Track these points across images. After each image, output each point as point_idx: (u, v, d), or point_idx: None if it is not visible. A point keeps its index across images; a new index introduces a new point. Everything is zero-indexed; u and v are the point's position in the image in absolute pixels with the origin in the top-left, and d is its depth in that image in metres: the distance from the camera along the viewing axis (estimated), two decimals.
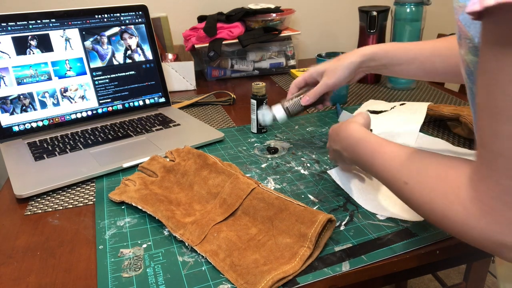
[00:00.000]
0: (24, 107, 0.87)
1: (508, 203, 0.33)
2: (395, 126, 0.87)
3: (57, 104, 0.91)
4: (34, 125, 0.88)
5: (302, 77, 0.79)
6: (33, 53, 0.88)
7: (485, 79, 0.33)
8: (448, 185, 0.39)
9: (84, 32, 0.94)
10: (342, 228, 0.58)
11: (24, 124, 0.87)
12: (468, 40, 0.38)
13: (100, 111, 0.96)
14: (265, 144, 0.85)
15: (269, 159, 0.78)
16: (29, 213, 0.64)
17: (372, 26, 1.20)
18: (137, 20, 1.00)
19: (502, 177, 0.33)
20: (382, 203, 0.63)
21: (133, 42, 1.00)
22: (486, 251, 0.37)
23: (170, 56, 1.25)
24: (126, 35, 0.99)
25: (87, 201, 0.67)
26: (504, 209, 0.33)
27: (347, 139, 0.58)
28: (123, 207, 0.65)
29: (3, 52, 0.85)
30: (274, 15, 1.28)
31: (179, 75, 1.20)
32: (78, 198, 0.68)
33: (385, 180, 0.49)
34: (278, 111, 0.79)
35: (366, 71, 0.76)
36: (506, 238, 0.34)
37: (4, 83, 0.85)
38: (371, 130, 0.85)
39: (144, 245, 0.56)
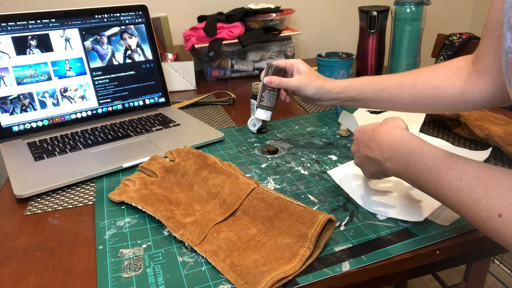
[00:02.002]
0: (24, 107, 0.87)
1: None
2: None
3: (57, 104, 0.91)
4: (34, 125, 0.88)
5: (285, 60, 0.80)
6: (33, 53, 0.88)
7: None
8: None
9: (84, 32, 0.94)
10: (342, 228, 0.58)
11: (24, 124, 0.87)
12: None
13: (100, 111, 0.96)
14: (265, 144, 0.85)
15: (269, 159, 0.78)
16: (29, 213, 0.64)
17: (372, 26, 1.20)
18: (137, 20, 1.00)
19: None
20: (382, 203, 0.63)
21: (133, 42, 1.00)
22: None
23: (170, 56, 1.25)
24: (126, 35, 0.99)
25: (87, 201, 0.67)
26: None
27: (394, 148, 0.49)
28: (123, 207, 0.65)
29: (3, 52, 0.85)
30: (274, 15, 1.28)
31: (179, 75, 1.20)
32: (78, 198, 0.68)
33: (464, 206, 0.41)
34: (260, 114, 0.81)
35: (337, 103, 0.77)
36: None
37: (4, 83, 0.85)
38: None
39: (144, 245, 0.56)
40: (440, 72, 0.68)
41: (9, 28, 0.85)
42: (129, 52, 0.99)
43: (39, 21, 0.88)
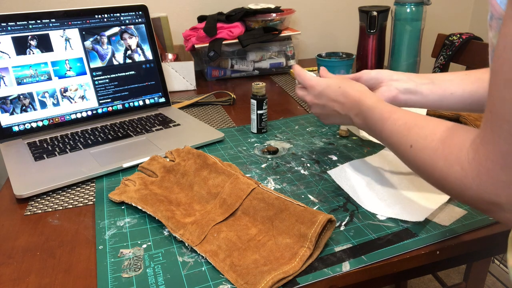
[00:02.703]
0: (24, 107, 0.87)
1: (504, 166, 0.34)
2: None
3: (57, 104, 0.91)
4: (34, 125, 0.88)
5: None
6: (33, 53, 0.88)
7: (501, 44, 0.33)
8: (451, 148, 0.40)
9: (84, 32, 0.94)
10: (342, 228, 0.58)
11: (24, 124, 0.87)
12: (500, 20, 0.37)
13: (100, 111, 0.96)
14: (265, 144, 0.85)
15: (269, 159, 0.78)
16: (29, 213, 0.64)
17: (372, 26, 1.20)
18: (137, 20, 1.00)
19: (503, 141, 0.34)
20: (382, 203, 0.63)
21: (133, 42, 1.00)
22: (480, 211, 0.40)
23: (170, 56, 1.25)
24: (126, 35, 0.99)
25: (87, 201, 0.67)
26: (499, 172, 0.34)
27: (360, 106, 0.59)
28: (123, 207, 0.65)
29: (3, 52, 0.85)
30: (274, 15, 1.28)
31: (179, 75, 1.20)
32: (78, 198, 0.68)
33: (392, 145, 0.52)
34: None
35: (397, 90, 0.70)
36: (498, 198, 0.36)
37: (4, 83, 0.85)
38: None
39: (144, 245, 0.56)
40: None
41: (9, 28, 0.85)
42: (129, 52, 0.99)
43: (39, 21, 0.88)
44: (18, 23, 0.86)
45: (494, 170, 0.35)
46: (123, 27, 0.98)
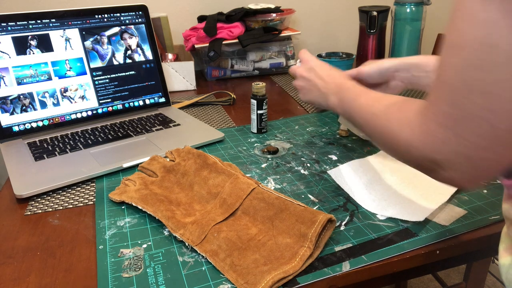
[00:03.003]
0: (24, 107, 0.87)
1: (444, 126, 0.36)
2: None
3: (57, 104, 0.91)
4: (34, 125, 0.88)
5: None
6: (33, 53, 0.88)
7: (450, 15, 0.35)
8: (405, 113, 0.43)
9: (84, 32, 0.94)
10: (342, 228, 0.58)
11: (24, 124, 0.87)
12: None
13: (100, 111, 0.96)
14: (265, 144, 0.85)
15: (269, 159, 0.78)
16: (29, 213, 0.64)
17: (372, 26, 1.20)
18: (137, 20, 1.00)
19: (444, 103, 0.36)
20: (382, 203, 0.63)
21: (133, 42, 1.00)
22: (423, 171, 0.42)
23: (170, 56, 1.25)
24: (126, 35, 0.99)
25: (87, 201, 0.67)
26: (441, 132, 0.37)
27: (340, 87, 0.64)
28: (123, 207, 0.65)
29: (3, 52, 0.85)
30: (274, 15, 1.28)
31: (179, 75, 1.20)
32: (78, 198, 0.68)
33: (359, 114, 0.55)
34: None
35: (403, 79, 0.74)
36: (439, 156, 0.38)
37: (4, 83, 0.85)
38: None
39: (144, 245, 0.56)
40: None
41: (9, 28, 0.85)
42: (129, 52, 0.99)
43: (39, 21, 0.88)
44: (18, 23, 0.86)
45: (436, 130, 0.37)
46: (123, 27, 0.98)
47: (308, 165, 0.75)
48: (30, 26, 0.87)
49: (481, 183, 0.38)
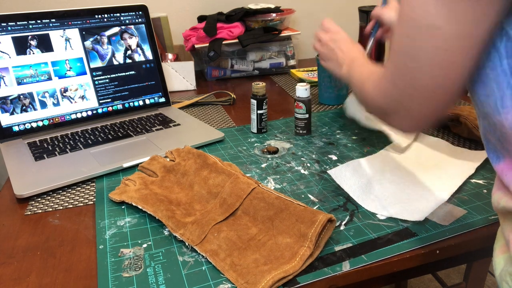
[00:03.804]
0: (24, 107, 0.87)
1: (387, 80, 0.46)
2: None
3: (57, 104, 0.91)
4: (34, 125, 0.88)
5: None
6: (33, 53, 0.88)
7: None
8: (374, 75, 0.53)
9: (84, 32, 0.94)
10: (342, 227, 0.58)
11: (24, 124, 0.87)
12: None
13: (100, 111, 0.96)
14: (265, 144, 0.85)
15: (269, 159, 0.78)
16: (29, 213, 0.64)
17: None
18: (137, 20, 1.00)
19: (390, 63, 0.45)
20: (382, 203, 0.63)
21: (133, 42, 1.00)
22: (378, 117, 0.52)
23: (170, 56, 1.26)
24: (126, 35, 0.99)
25: (87, 201, 0.67)
26: (385, 85, 0.47)
27: (351, 58, 0.71)
28: (123, 207, 0.65)
29: (3, 52, 0.85)
30: (274, 15, 1.28)
31: (179, 75, 1.20)
32: (78, 198, 0.68)
33: (354, 78, 0.63)
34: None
35: None
36: (384, 105, 0.48)
37: (4, 83, 0.85)
38: None
39: (145, 245, 0.56)
40: None
41: (9, 28, 0.85)
42: (129, 52, 0.99)
43: (39, 21, 0.88)
44: (18, 23, 0.86)
45: (383, 84, 0.47)
46: (123, 27, 0.98)
47: (308, 165, 0.75)
48: (30, 26, 0.88)
49: (420, 128, 0.47)
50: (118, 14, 0.97)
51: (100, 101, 0.96)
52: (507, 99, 0.37)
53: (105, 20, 0.96)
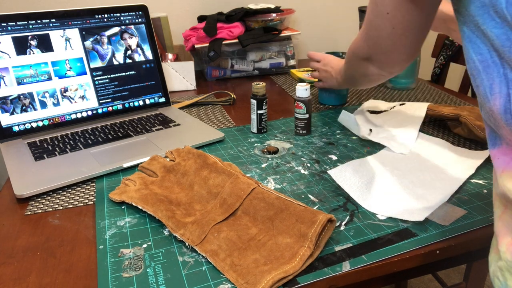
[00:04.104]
0: (24, 107, 0.87)
1: (364, 32, 0.64)
2: (394, 126, 0.87)
3: (57, 104, 0.91)
4: (34, 125, 0.88)
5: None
6: (33, 53, 0.88)
7: None
8: (356, 37, 0.69)
9: (84, 32, 0.94)
10: (342, 228, 0.58)
11: (24, 124, 0.87)
12: None
13: (100, 111, 0.96)
14: (265, 144, 0.85)
15: (269, 159, 0.78)
16: (29, 213, 0.64)
17: None
18: (137, 20, 1.00)
19: (365, 22, 0.62)
20: (382, 203, 0.63)
21: (133, 42, 1.00)
22: (365, 69, 0.71)
23: (170, 56, 1.26)
24: (126, 35, 0.99)
25: (87, 201, 0.67)
26: (363, 36, 0.65)
27: (340, 70, 0.89)
28: (123, 207, 0.65)
29: (3, 52, 0.85)
30: (274, 15, 1.28)
31: (179, 75, 1.20)
32: (78, 198, 0.68)
33: (346, 71, 0.82)
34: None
35: (437, 28, 0.86)
36: (364, 54, 0.67)
37: (4, 83, 0.85)
38: (370, 131, 0.86)
39: (145, 245, 0.56)
40: None
41: (9, 28, 0.85)
42: (129, 52, 0.99)
43: (39, 21, 0.88)
44: (18, 23, 0.86)
45: (362, 36, 0.65)
46: (123, 27, 0.98)
47: (308, 165, 0.75)
48: (30, 26, 0.88)
49: (397, 70, 0.66)
50: (118, 14, 0.97)
51: (100, 101, 0.96)
52: (496, 86, 0.39)
53: (105, 20, 0.96)
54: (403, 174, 0.70)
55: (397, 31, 0.56)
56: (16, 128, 0.87)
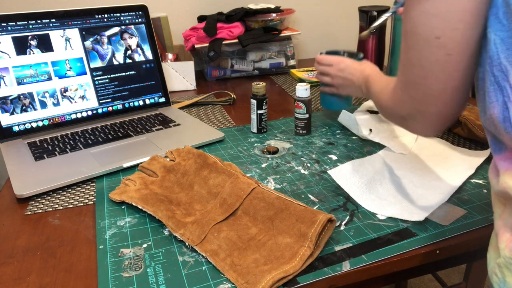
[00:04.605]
0: (24, 107, 0.87)
1: (401, 90, 0.51)
2: (395, 125, 0.87)
3: (57, 104, 0.91)
4: (34, 125, 0.88)
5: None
6: (33, 53, 0.88)
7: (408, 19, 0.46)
8: (388, 88, 0.57)
9: (84, 32, 0.94)
10: (342, 227, 0.58)
11: (24, 124, 0.87)
12: None
13: (100, 111, 0.96)
14: (265, 144, 0.85)
15: (269, 159, 0.78)
16: (30, 213, 0.64)
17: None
18: (137, 20, 1.00)
19: (401, 75, 0.50)
20: (382, 203, 0.63)
21: (133, 42, 1.00)
22: (397, 124, 0.55)
23: (170, 56, 1.25)
24: (126, 35, 0.99)
25: (87, 201, 0.67)
26: (400, 94, 0.51)
27: (366, 77, 0.75)
28: (123, 207, 0.65)
29: (3, 52, 0.85)
30: (274, 15, 1.28)
31: (179, 75, 1.20)
32: (78, 198, 0.68)
33: (374, 94, 0.68)
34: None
35: None
36: (402, 112, 0.52)
37: (4, 83, 0.85)
38: (370, 131, 0.86)
39: (145, 245, 0.56)
40: None
41: (9, 28, 0.85)
42: (129, 52, 0.99)
43: (39, 21, 0.88)
44: (18, 23, 0.86)
45: (398, 94, 0.52)
46: (123, 27, 0.98)
47: (308, 165, 0.75)
48: (30, 26, 0.88)
49: (438, 130, 0.50)
50: (118, 14, 0.97)
51: (100, 101, 0.96)
52: (492, 95, 0.40)
53: (105, 20, 0.96)
54: (403, 174, 0.70)
55: (452, 59, 0.43)
56: (16, 128, 0.87)
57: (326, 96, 0.95)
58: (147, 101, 1.02)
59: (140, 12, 1.01)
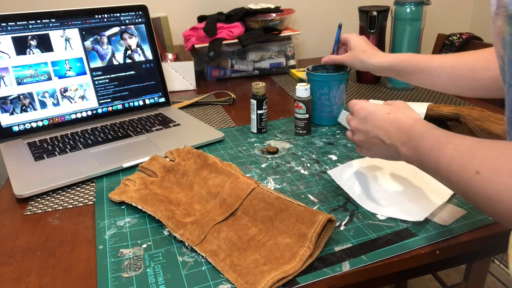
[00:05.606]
0: (24, 107, 0.87)
1: None
2: None
3: (57, 104, 0.91)
4: (34, 125, 0.88)
5: (342, 36, 0.90)
6: (33, 53, 0.88)
7: None
8: (499, 177, 0.37)
9: (84, 32, 0.94)
10: (342, 228, 0.58)
11: (24, 124, 0.87)
12: (504, 8, 0.38)
13: (100, 111, 0.96)
14: (265, 144, 0.85)
15: (269, 159, 0.78)
16: (29, 213, 0.64)
17: (372, 26, 1.20)
18: (137, 20, 1.00)
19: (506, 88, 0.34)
20: (382, 203, 0.63)
21: (133, 42, 1.00)
22: None
23: (170, 56, 1.25)
24: (126, 35, 0.99)
25: (87, 201, 0.67)
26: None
27: (410, 133, 0.52)
28: (123, 207, 0.65)
29: (3, 52, 0.85)
30: (274, 15, 1.28)
31: (179, 75, 1.20)
32: (78, 198, 0.68)
33: (451, 173, 0.43)
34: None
35: (384, 74, 0.85)
36: None
37: (4, 83, 0.85)
38: None
39: (144, 245, 0.56)
40: (480, 56, 0.68)
41: (9, 28, 0.85)
42: (129, 52, 0.99)
43: (39, 21, 0.88)
44: (18, 23, 0.86)
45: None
46: (123, 27, 0.98)
47: (308, 165, 0.75)
48: (30, 26, 0.87)
49: None
50: (118, 14, 0.97)
51: (100, 101, 0.96)
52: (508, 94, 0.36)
53: (105, 20, 0.96)
54: (403, 174, 0.70)
55: None
56: (16, 128, 0.87)
57: (319, 111, 0.91)
58: (147, 101, 1.02)
59: (140, 12, 1.00)
